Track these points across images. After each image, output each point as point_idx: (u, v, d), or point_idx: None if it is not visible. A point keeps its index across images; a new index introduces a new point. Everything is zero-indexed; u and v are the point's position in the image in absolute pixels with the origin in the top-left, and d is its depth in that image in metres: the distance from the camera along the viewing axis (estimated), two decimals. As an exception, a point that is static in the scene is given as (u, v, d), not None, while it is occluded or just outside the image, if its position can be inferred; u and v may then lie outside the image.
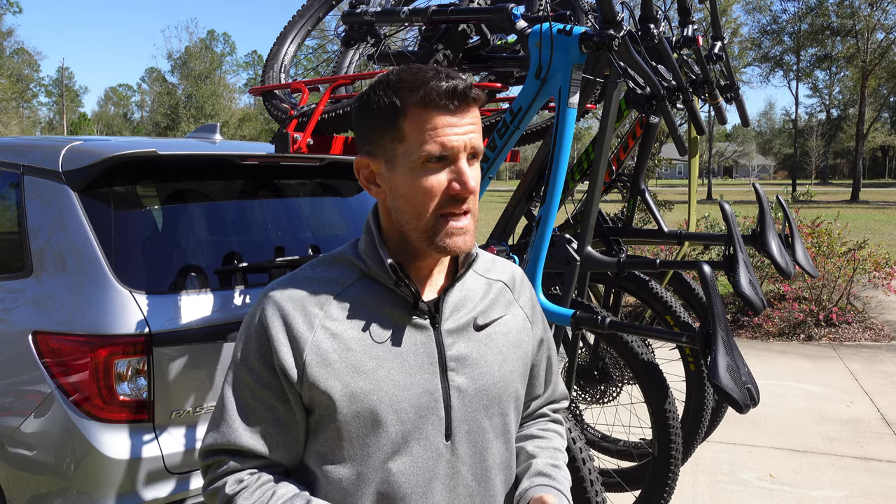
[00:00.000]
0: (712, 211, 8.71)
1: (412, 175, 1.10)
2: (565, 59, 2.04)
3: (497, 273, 1.30)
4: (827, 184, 66.60)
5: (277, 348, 1.11)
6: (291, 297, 1.14)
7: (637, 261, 2.69)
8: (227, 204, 2.66)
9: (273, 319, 1.12)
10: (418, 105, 1.08)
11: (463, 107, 1.09)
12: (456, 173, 1.09)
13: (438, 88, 1.07)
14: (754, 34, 44.97)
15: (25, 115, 56.49)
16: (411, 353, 1.14)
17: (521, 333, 1.27)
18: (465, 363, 1.17)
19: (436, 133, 1.08)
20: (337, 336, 1.12)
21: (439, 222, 1.10)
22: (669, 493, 2.48)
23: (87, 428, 2.04)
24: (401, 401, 1.11)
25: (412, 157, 1.09)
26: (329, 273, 1.18)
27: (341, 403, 1.10)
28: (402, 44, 3.05)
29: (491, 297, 1.24)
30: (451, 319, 1.18)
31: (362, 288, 1.16)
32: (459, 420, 1.16)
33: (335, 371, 1.10)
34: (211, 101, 55.05)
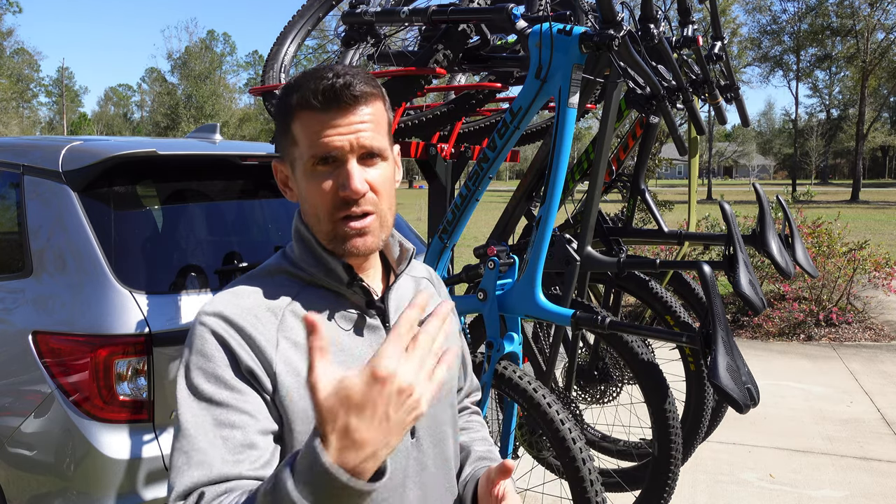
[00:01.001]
0: (712, 211, 8.71)
1: (306, 179, 1.07)
2: (565, 59, 2.04)
3: (417, 271, 1.31)
4: (827, 184, 66.61)
5: (243, 357, 1.02)
6: (241, 309, 1.05)
7: (637, 261, 2.69)
8: (227, 204, 2.66)
9: (230, 332, 1.03)
10: (300, 107, 1.05)
11: (343, 105, 1.04)
12: (342, 175, 1.05)
13: (314, 88, 1.03)
14: (754, 34, 45.01)
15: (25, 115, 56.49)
16: (370, 354, 1.09)
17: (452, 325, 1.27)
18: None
19: (317, 135, 1.04)
20: (299, 344, 1.06)
21: (338, 225, 1.07)
22: (669, 493, 2.47)
23: (87, 428, 2.04)
24: None
25: (303, 161, 1.06)
26: (270, 285, 1.11)
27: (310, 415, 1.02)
28: (402, 44, 3.05)
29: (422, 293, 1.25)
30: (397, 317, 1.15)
31: (309, 296, 1.11)
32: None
33: (304, 380, 1.03)
34: (211, 101, 55.07)
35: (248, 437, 0.99)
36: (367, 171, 1.07)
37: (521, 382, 2.18)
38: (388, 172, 1.10)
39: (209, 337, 1.03)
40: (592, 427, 3.34)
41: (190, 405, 1.00)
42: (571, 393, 2.78)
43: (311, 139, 1.05)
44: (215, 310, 1.05)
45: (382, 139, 1.09)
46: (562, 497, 2.93)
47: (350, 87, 1.03)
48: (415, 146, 2.67)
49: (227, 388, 1.00)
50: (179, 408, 1.01)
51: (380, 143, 1.08)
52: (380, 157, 1.08)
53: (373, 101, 1.07)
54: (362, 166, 1.06)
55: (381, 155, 1.08)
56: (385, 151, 1.09)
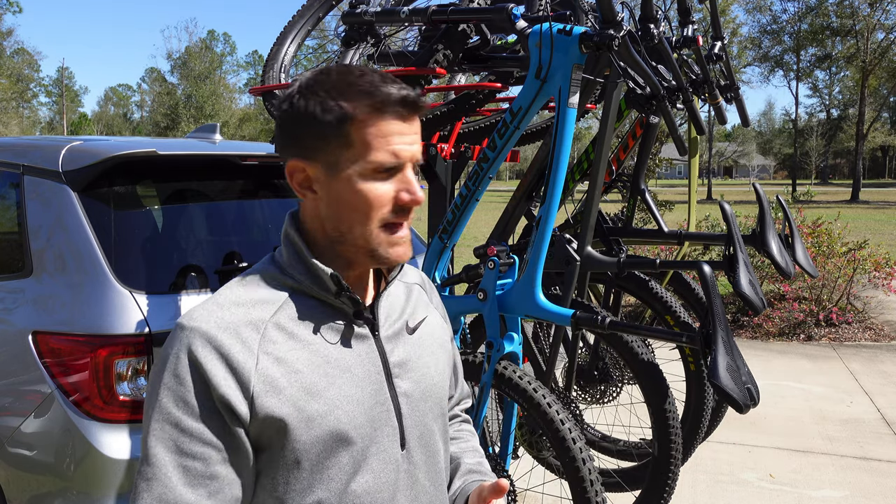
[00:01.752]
0: (712, 211, 8.71)
1: (359, 183, 1.04)
2: (565, 59, 2.04)
3: (409, 276, 1.29)
4: (827, 184, 66.62)
5: (218, 383, 0.98)
6: (220, 324, 1.01)
7: (637, 261, 2.69)
8: (227, 204, 2.66)
9: (205, 353, 0.99)
10: (369, 111, 1.03)
11: (413, 116, 1.06)
12: (405, 183, 1.06)
13: (392, 95, 1.03)
14: (754, 34, 45.03)
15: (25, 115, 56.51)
16: (358, 366, 1.08)
17: (444, 333, 1.27)
18: (407, 367, 1.14)
19: (387, 142, 1.03)
20: (281, 360, 1.02)
21: (382, 232, 1.06)
22: (669, 493, 2.48)
23: (87, 428, 2.04)
24: (357, 416, 1.06)
25: (360, 166, 1.04)
26: (256, 294, 1.07)
27: (299, 430, 1.01)
28: (402, 44, 3.05)
29: (413, 300, 1.24)
30: (387, 325, 1.15)
31: (296, 305, 1.07)
32: (411, 427, 1.13)
33: (287, 397, 1.01)
34: (211, 101, 55.09)
35: (210, 469, 0.98)
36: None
37: (521, 382, 2.18)
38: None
39: (184, 357, 0.99)
40: (592, 427, 3.34)
41: (156, 428, 0.98)
42: (571, 393, 2.78)
43: (379, 145, 1.03)
44: (195, 324, 1.01)
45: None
46: (562, 497, 2.93)
47: (418, 100, 1.06)
48: (414, 146, 2.67)
49: (194, 417, 0.98)
50: (146, 428, 0.99)
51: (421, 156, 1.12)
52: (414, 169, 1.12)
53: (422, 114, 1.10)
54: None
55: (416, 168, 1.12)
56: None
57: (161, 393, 0.99)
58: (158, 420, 0.98)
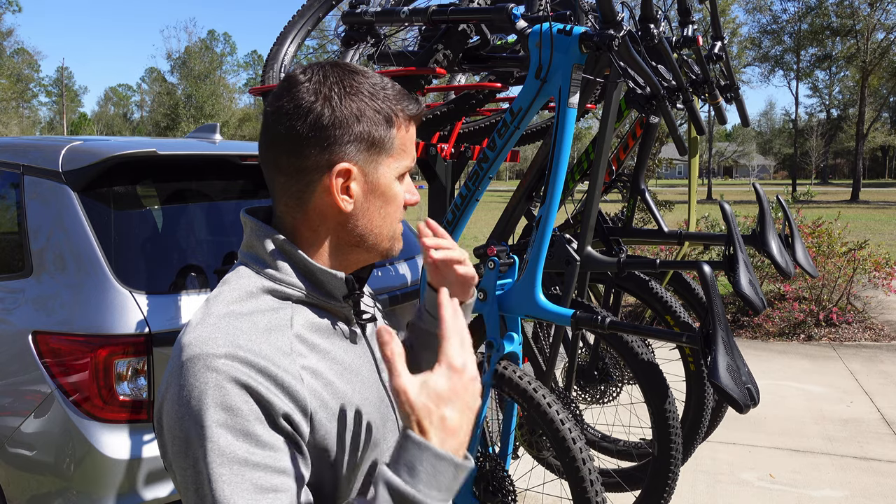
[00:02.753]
0: (712, 211, 8.71)
1: (392, 186, 1.07)
2: (565, 59, 2.04)
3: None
4: (827, 184, 66.60)
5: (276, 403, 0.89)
6: (251, 342, 0.92)
7: (637, 261, 2.69)
8: (227, 204, 2.66)
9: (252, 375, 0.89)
10: (407, 118, 1.08)
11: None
12: (409, 185, 1.13)
13: (412, 104, 1.09)
14: (754, 34, 45.03)
15: (25, 115, 56.51)
16: (362, 367, 1.09)
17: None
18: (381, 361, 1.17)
19: (410, 148, 1.10)
20: (317, 373, 0.98)
21: (397, 229, 1.13)
22: (669, 493, 2.47)
23: (87, 428, 2.04)
24: (375, 417, 1.08)
25: (394, 169, 1.06)
26: (261, 311, 0.98)
27: (344, 442, 0.99)
28: (402, 44, 3.05)
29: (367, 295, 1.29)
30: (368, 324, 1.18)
31: (303, 315, 1.03)
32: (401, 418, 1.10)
33: (332, 410, 0.98)
34: (211, 101, 55.08)
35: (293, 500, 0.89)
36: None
37: (521, 382, 2.18)
38: None
39: (230, 386, 0.87)
40: (592, 427, 3.34)
41: (223, 473, 0.85)
42: (571, 393, 2.78)
43: (406, 151, 1.08)
44: (224, 351, 0.89)
45: None
46: (562, 497, 2.93)
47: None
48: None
49: (262, 447, 0.87)
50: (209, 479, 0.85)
51: None
52: None
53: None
54: None
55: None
56: None
57: (214, 434, 0.85)
58: (223, 464, 0.85)
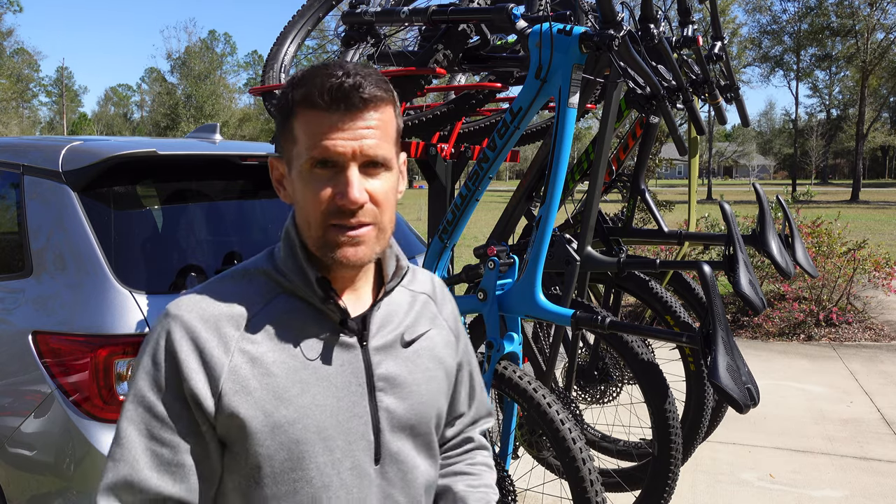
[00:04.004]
0: (712, 211, 8.71)
1: (301, 180, 1.00)
2: (565, 59, 2.04)
3: (419, 284, 1.21)
4: (827, 184, 66.61)
5: (189, 375, 0.97)
6: (203, 316, 1.00)
7: (637, 261, 2.69)
8: (227, 204, 2.66)
9: (182, 343, 0.98)
10: (303, 104, 0.98)
11: (351, 108, 0.97)
12: (341, 183, 0.98)
13: (322, 86, 0.96)
14: (754, 34, 45.02)
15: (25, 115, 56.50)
16: (338, 375, 1.03)
17: (446, 348, 1.19)
18: (394, 383, 1.08)
19: (318, 136, 0.97)
20: (256, 360, 0.99)
21: (329, 233, 1.00)
22: (669, 493, 2.48)
23: (87, 428, 2.04)
24: (328, 428, 1.02)
25: (301, 161, 0.99)
26: (244, 288, 1.04)
27: (263, 435, 0.98)
28: (402, 44, 3.05)
29: (416, 311, 1.16)
30: (379, 336, 1.09)
31: (283, 305, 1.04)
32: (388, 443, 1.07)
33: (255, 400, 0.98)
34: (211, 101, 55.06)
35: (177, 457, 0.98)
36: (369, 180, 1.00)
37: (521, 382, 2.18)
38: (391, 183, 1.03)
39: (163, 343, 0.99)
40: (592, 427, 3.34)
41: (129, 409, 0.99)
42: (571, 393, 2.78)
43: (311, 140, 0.98)
44: (178, 312, 1.00)
45: (388, 148, 1.01)
46: (562, 497, 2.93)
47: (360, 89, 0.97)
48: (415, 146, 2.68)
49: (165, 404, 0.98)
50: (123, 407, 1.00)
51: (385, 151, 1.00)
52: (384, 166, 1.02)
53: (383, 107, 1.00)
54: (364, 175, 0.99)
55: (385, 164, 1.02)
56: (390, 161, 1.02)
57: (139, 375, 0.99)
58: (133, 401, 0.99)
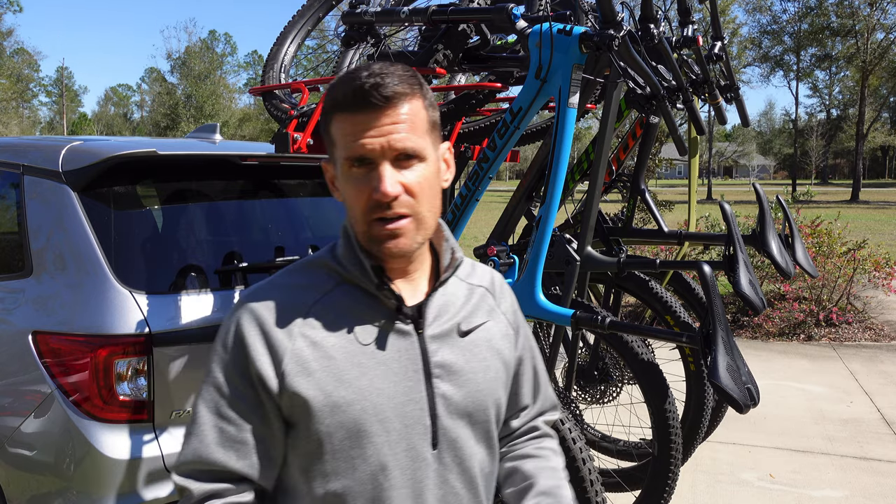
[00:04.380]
0: (712, 211, 8.71)
1: (344, 179, 1.08)
2: (565, 59, 2.04)
3: (478, 278, 1.26)
4: (827, 184, 66.60)
5: (255, 357, 1.06)
6: (268, 305, 1.10)
7: (637, 261, 2.69)
8: (227, 204, 2.66)
9: (249, 329, 1.07)
10: (335, 108, 1.06)
11: (374, 107, 1.03)
12: (375, 178, 1.04)
13: (347, 89, 1.04)
14: (754, 34, 45.01)
15: (25, 115, 56.48)
16: (395, 360, 1.10)
17: (503, 340, 1.23)
18: (451, 370, 1.13)
19: (349, 137, 1.04)
20: (317, 344, 1.07)
21: (373, 227, 1.06)
22: (669, 493, 2.48)
23: (87, 428, 2.04)
24: (385, 410, 1.07)
25: (340, 162, 1.08)
26: (307, 279, 1.13)
27: (323, 414, 1.05)
28: (402, 44, 3.05)
29: (473, 303, 1.21)
30: (435, 325, 1.14)
31: (342, 294, 1.12)
32: (445, 428, 1.12)
33: (316, 381, 1.06)
34: (211, 101, 55.02)
35: (242, 434, 1.07)
36: (403, 173, 1.05)
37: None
38: (427, 173, 1.08)
39: (233, 329, 1.09)
40: (592, 427, 3.34)
41: (203, 390, 1.10)
42: (571, 393, 2.78)
43: (344, 141, 1.05)
44: (247, 302, 1.11)
45: (420, 139, 1.06)
46: (562, 497, 2.92)
47: (379, 88, 1.02)
48: (415, 146, 2.66)
49: (233, 385, 1.07)
50: (199, 389, 1.11)
51: (416, 143, 1.05)
52: (417, 157, 1.06)
53: (408, 100, 1.05)
54: (398, 168, 1.05)
55: (418, 156, 1.06)
56: (423, 151, 1.07)
57: (212, 359, 1.10)
58: (207, 383, 1.10)
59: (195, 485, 1.06)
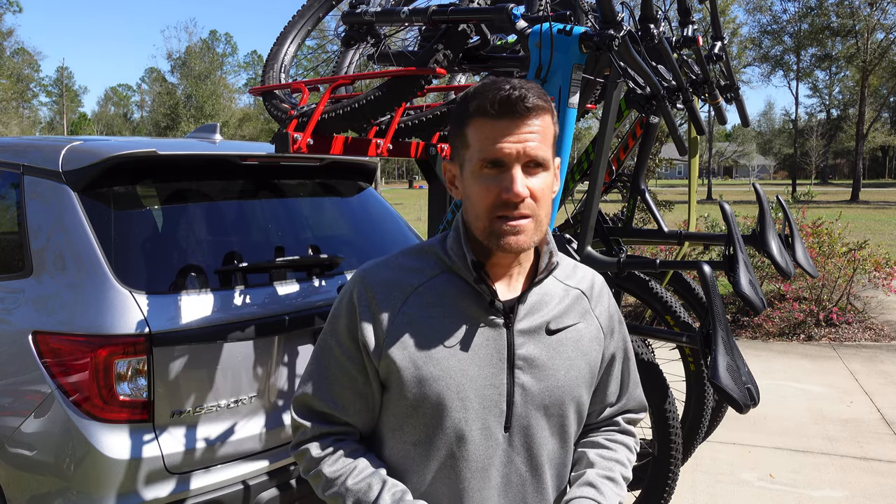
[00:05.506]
0: (712, 211, 8.71)
1: (473, 179, 1.18)
2: (565, 59, 2.04)
3: (576, 281, 1.35)
4: (827, 184, 66.58)
5: (361, 324, 1.21)
6: (380, 280, 1.24)
7: (637, 261, 2.69)
8: (227, 204, 2.66)
9: (362, 299, 1.23)
10: (478, 113, 1.15)
11: (516, 115, 1.14)
12: (507, 180, 1.14)
13: (493, 97, 1.13)
14: (754, 34, 45.00)
15: (25, 115, 56.45)
16: (482, 348, 1.21)
17: (593, 343, 1.31)
18: (533, 364, 1.23)
19: (489, 140, 1.14)
20: (415, 323, 1.21)
21: (495, 223, 1.16)
22: (669, 493, 2.48)
23: (87, 428, 2.04)
24: (467, 390, 1.19)
25: (472, 163, 1.17)
26: (417, 262, 1.26)
27: (411, 385, 1.19)
28: (402, 44, 3.05)
29: (566, 304, 1.30)
30: (525, 321, 1.24)
31: (445, 281, 1.24)
32: (519, 415, 1.23)
33: (409, 354, 1.19)
34: (211, 101, 55.00)
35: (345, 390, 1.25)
36: (530, 178, 1.16)
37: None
38: (548, 181, 1.19)
39: (346, 298, 1.25)
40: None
41: (322, 341, 1.29)
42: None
43: (483, 143, 1.15)
44: (362, 274, 1.26)
45: (547, 150, 1.18)
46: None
47: (524, 100, 1.13)
48: (415, 146, 2.67)
49: (345, 346, 1.25)
50: (319, 338, 1.30)
51: (544, 153, 1.17)
52: (542, 166, 1.17)
53: (542, 114, 1.16)
54: (525, 174, 1.16)
55: (543, 165, 1.17)
56: (548, 162, 1.18)
57: (332, 317, 1.28)
58: (323, 338, 1.29)
59: (309, 423, 1.26)
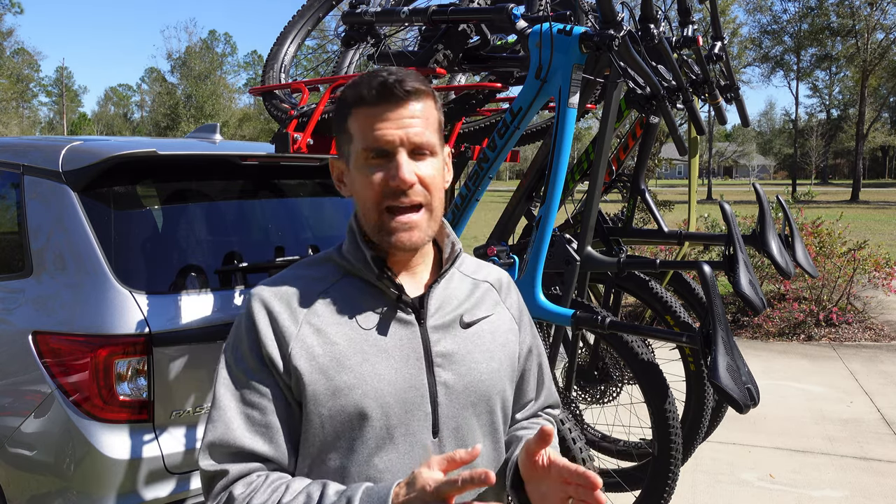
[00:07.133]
0: (712, 211, 8.71)
1: (358, 172, 1.13)
2: (565, 59, 2.04)
3: (484, 275, 1.30)
4: (827, 184, 66.56)
5: (264, 341, 1.12)
6: (277, 294, 1.16)
7: (637, 261, 2.69)
8: (227, 204, 2.66)
9: (260, 315, 1.13)
10: (356, 104, 1.12)
11: (395, 100, 1.10)
12: (393, 167, 1.10)
13: (370, 83, 1.10)
14: (754, 34, 44.99)
15: (25, 115, 56.44)
16: (396, 348, 1.14)
17: (508, 333, 1.27)
18: (452, 359, 1.16)
19: (370, 128, 1.10)
20: (321, 331, 1.13)
21: (384, 217, 1.12)
22: (669, 493, 2.47)
23: (87, 428, 2.04)
24: (386, 395, 1.11)
25: (357, 154, 1.13)
26: (315, 272, 1.20)
27: (325, 397, 1.10)
28: (402, 44, 3.05)
29: (477, 297, 1.25)
30: (437, 316, 1.18)
31: (346, 285, 1.17)
32: (446, 417, 1.15)
33: (319, 365, 1.10)
34: (211, 101, 54.98)
35: (266, 419, 1.11)
36: (418, 165, 1.12)
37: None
38: (438, 168, 1.15)
39: (244, 320, 1.15)
40: (592, 427, 3.34)
41: (222, 375, 1.14)
42: (571, 393, 2.78)
43: (364, 133, 1.11)
44: (259, 290, 1.17)
45: (433, 136, 1.14)
46: (562, 497, 2.92)
47: (402, 83, 1.09)
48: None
49: (250, 371, 1.12)
50: (217, 377, 1.15)
51: (429, 138, 1.13)
52: (430, 152, 1.13)
53: (423, 98, 1.13)
54: (412, 160, 1.11)
55: (430, 151, 1.13)
56: (434, 147, 1.14)
57: (229, 348, 1.16)
58: (225, 368, 1.15)
59: (230, 466, 1.10)
